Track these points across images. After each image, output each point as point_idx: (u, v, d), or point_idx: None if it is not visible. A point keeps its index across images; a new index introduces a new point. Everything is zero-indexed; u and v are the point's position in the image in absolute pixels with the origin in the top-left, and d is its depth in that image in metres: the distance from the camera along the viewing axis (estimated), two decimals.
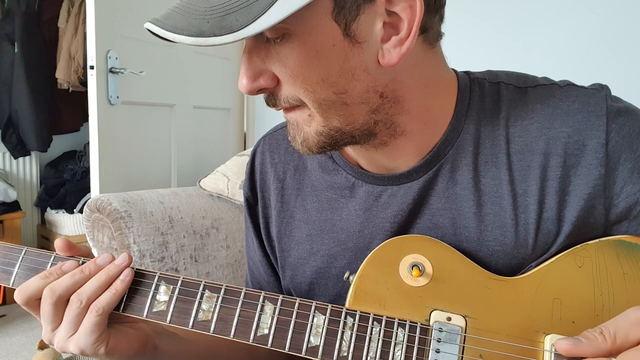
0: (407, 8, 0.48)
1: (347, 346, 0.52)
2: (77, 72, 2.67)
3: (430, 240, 0.57)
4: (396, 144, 0.58)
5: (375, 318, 0.53)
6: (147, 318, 0.55)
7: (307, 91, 0.50)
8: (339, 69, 0.49)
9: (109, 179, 1.67)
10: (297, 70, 0.49)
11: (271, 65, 0.50)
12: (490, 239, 0.57)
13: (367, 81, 0.51)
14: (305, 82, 0.50)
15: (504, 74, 0.61)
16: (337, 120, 0.53)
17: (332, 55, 0.49)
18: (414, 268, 0.54)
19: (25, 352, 2.14)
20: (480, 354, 0.52)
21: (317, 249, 0.65)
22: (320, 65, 0.49)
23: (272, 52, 0.49)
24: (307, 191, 0.67)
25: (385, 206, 0.61)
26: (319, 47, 0.48)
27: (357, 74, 0.50)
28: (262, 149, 0.73)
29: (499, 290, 0.54)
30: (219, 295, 0.55)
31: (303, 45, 0.48)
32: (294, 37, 0.48)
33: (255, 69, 0.51)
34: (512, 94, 0.59)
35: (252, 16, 0.43)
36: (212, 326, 0.54)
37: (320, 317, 0.53)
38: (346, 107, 0.52)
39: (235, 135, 2.32)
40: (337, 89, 0.51)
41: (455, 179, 0.58)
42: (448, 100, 0.58)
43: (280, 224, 0.69)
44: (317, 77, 0.50)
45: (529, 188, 0.56)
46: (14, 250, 0.60)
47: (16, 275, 0.58)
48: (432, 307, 0.54)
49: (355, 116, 0.53)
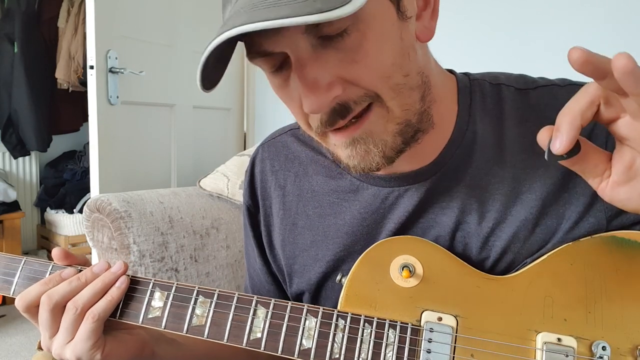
0: None
1: (339, 348, 0.53)
2: (77, 72, 2.67)
3: (421, 241, 0.57)
4: (424, 140, 0.56)
5: (367, 319, 0.53)
6: (143, 324, 0.56)
7: (383, 78, 0.48)
8: (399, 49, 0.48)
9: (108, 179, 1.67)
10: (371, 58, 0.46)
11: (336, 68, 0.46)
12: (494, 237, 0.57)
13: (416, 61, 0.51)
14: (380, 69, 0.47)
15: (503, 75, 0.61)
16: (406, 111, 0.51)
17: (394, 34, 0.48)
18: (404, 269, 0.55)
19: (25, 352, 2.14)
20: (471, 354, 0.52)
21: (322, 254, 0.65)
22: (388, 47, 0.47)
23: (331, 55, 0.46)
24: (308, 197, 0.66)
25: (392, 207, 0.61)
26: (384, 29, 0.47)
27: (410, 53, 0.50)
28: (262, 156, 0.72)
29: (490, 289, 0.54)
30: (212, 300, 0.56)
31: (371, 30, 0.46)
32: (360, 23, 0.45)
33: (321, 81, 0.46)
34: (513, 95, 0.59)
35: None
36: (206, 331, 0.55)
37: (312, 319, 0.54)
38: (411, 92, 0.51)
39: (235, 135, 2.32)
40: (404, 71, 0.49)
41: (459, 178, 0.58)
42: (450, 98, 0.59)
43: (284, 232, 0.68)
44: (390, 60, 0.48)
45: (532, 186, 0.56)
46: (14, 260, 0.61)
47: (16, 285, 0.59)
48: (423, 308, 0.54)
49: (415, 104, 0.52)
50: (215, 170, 1.48)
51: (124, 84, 1.70)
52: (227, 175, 1.43)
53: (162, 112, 1.93)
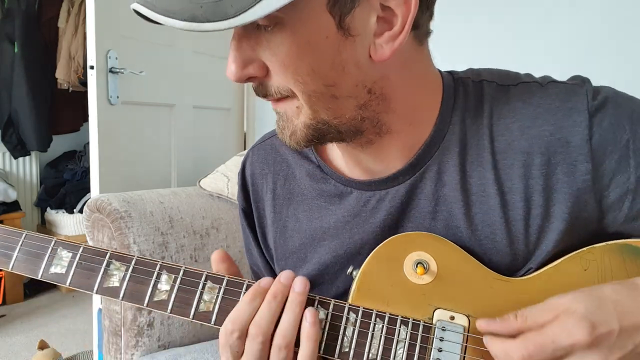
0: (402, 4, 0.48)
1: (349, 342, 0.52)
2: (77, 72, 2.67)
3: (436, 238, 0.57)
4: (382, 143, 0.58)
5: (378, 315, 0.53)
6: (148, 307, 0.55)
7: (297, 82, 0.50)
8: (330, 61, 0.49)
9: (109, 179, 1.66)
10: (288, 60, 0.48)
11: (261, 54, 0.49)
12: (482, 238, 0.57)
13: (357, 75, 0.51)
14: (296, 73, 0.49)
15: (486, 71, 0.61)
16: (325, 113, 0.52)
17: (325, 47, 0.48)
18: (419, 265, 0.54)
19: (25, 352, 2.13)
20: (482, 355, 0.51)
21: (310, 257, 0.65)
22: (311, 56, 0.48)
23: (263, 40, 0.48)
24: (298, 200, 0.67)
25: (373, 211, 0.61)
26: (312, 38, 0.48)
27: (347, 67, 0.50)
28: (252, 160, 0.72)
29: (503, 290, 0.54)
30: (221, 287, 0.55)
31: (296, 35, 0.47)
32: (286, 27, 0.47)
33: (244, 57, 0.50)
34: (494, 91, 0.58)
35: (248, 3, 0.42)
36: (214, 317, 0.54)
37: (323, 312, 0.53)
38: (335, 100, 0.52)
39: (235, 135, 2.32)
40: (327, 82, 0.50)
41: (442, 180, 0.58)
42: (433, 100, 0.58)
43: (276, 234, 0.69)
44: (308, 69, 0.49)
45: (514, 186, 0.56)
46: (14, 234, 0.59)
47: (15, 260, 0.58)
48: (435, 306, 0.53)
49: (343, 110, 0.53)
50: (215, 170, 1.48)
51: (124, 84, 1.70)
52: (227, 175, 1.43)
53: (162, 112, 1.93)
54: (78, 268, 0.57)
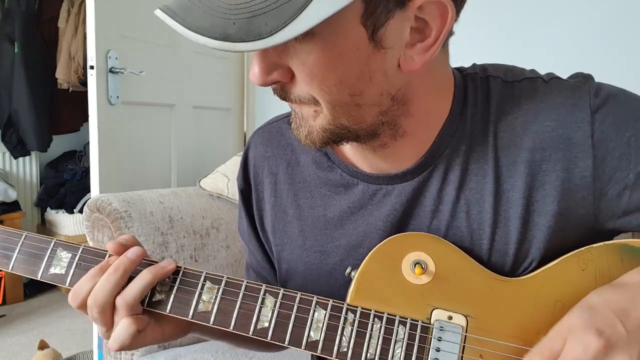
0: (438, 17, 0.47)
1: (347, 342, 0.52)
2: (77, 72, 2.67)
3: (434, 238, 0.57)
4: (395, 146, 0.58)
5: (377, 315, 0.53)
6: (147, 307, 0.55)
7: (322, 92, 0.49)
8: (358, 72, 0.48)
9: (109, 179, 1.66)
10: (316, 70, 0.47)
11: (288, 61, 0.48)
12: (482, 238, 0.57)
13: (384, 84, 0.50)
14: (323, 83, 0.48)
15: (492, 67, 0.61)
16: (346, 119, 0.52)
17: (354, 58, 0.47)
18: (417, 266, 0.54)
19: (25, 352, 2.13)
20: (480, 354, 0.52)
21: (309, 245, 0.65)
22: (340, 67, 0.48)
23: (291, 47, 0.47)
24: (300, 186, 0.67)
25: (379, 205, 0.61)
26: (343, 50, 0.47)
27: (375, 77, 0.49)
28: (256, 141, 0.72)
29: (501, 290, 0.54)
30: (220, 287, 0.55)
31: (326, 46, 0.46)
32: (317, 38, 0.45)
33: (270, 62, 0.48)
34: (500, 87, 0.58)
35: (282, 20, 0.40)
36: (212, 317, 0.54)
37: (321, 311, 0.53)
38: (358, 108, 0.51)
39: (235, 135, 2.32)
40: (353, 91, 0.50)
41: (448, 179, 0.58)
42: (446, 100, 0.58)
43: (275, 218, 0.69)
44: (335, 79, 0.48)
45: (515, 183, 0.56)
46: (14, 234, 0.59)
47: (15, 260, 0.58)
48: (433, 306, 0.54)
49: (364, 117, 0.53)
50: (215, 170, 1.48)
51: (124, 84, 1.70)
52: (227, 175, 1.43)
53: (162, 112, 1.93)
54: (77, 269, 0.57)
